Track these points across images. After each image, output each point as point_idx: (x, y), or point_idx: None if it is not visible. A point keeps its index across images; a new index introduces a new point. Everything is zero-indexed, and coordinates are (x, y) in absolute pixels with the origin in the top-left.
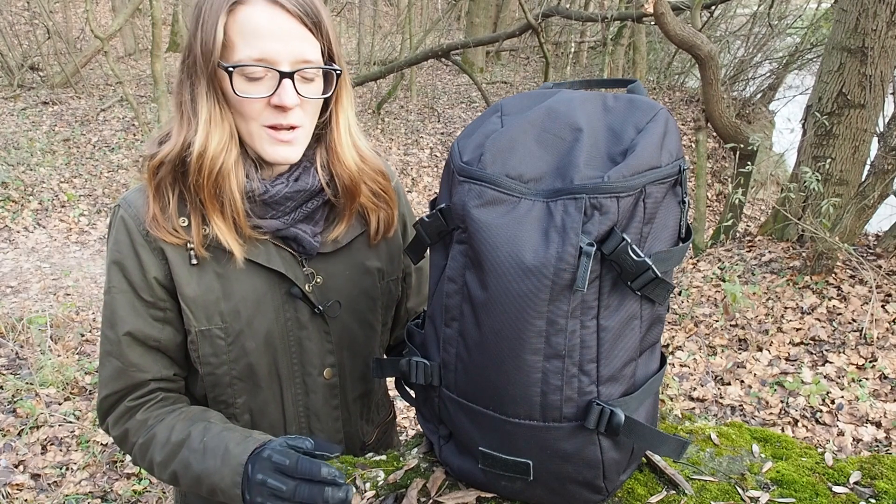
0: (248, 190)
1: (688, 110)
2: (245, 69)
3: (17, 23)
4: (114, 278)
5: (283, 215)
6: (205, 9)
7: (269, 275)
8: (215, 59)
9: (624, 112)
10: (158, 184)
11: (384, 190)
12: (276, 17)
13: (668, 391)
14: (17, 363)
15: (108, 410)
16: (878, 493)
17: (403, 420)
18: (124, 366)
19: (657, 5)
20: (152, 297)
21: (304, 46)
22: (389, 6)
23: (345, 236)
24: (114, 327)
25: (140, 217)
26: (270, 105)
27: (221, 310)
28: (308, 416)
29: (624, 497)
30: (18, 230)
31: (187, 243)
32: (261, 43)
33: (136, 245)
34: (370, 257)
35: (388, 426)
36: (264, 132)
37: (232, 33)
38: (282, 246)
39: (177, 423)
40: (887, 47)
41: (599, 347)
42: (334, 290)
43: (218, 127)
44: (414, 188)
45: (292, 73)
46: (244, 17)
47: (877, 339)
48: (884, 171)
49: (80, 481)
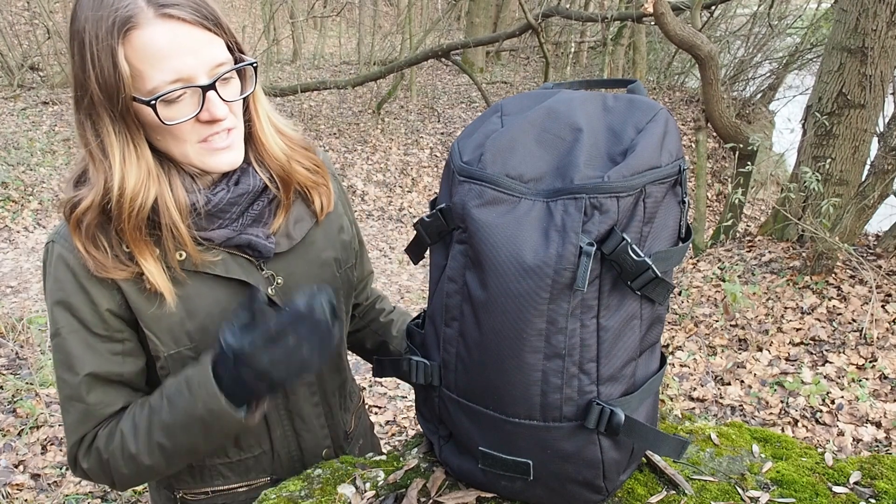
0: (190, 204)
1: (688, 110)
2: (166, 96)
3: (17, 23)
4: (61, 319)
5: (231, 222)
6: (89, 41)
7: (230, 284)
8: (126, 95)
9: (624, 112)
10: (86, 231)
11: (315, 163)
12: (176, 32)
13: (668, 391)
14: (17, 363)
15: (80, 454)
16: (878, 493)
17: (403, 420)
18: (89, 406)
19: (657, 5)
20: (107, 331)
21: (212, 51)
22: (389, 6)
23: (297, 231)
24: (72, 370)
25: (80, 257)
26: (199, 121)
27: (188, 329)
28: (291, 419)
29: (624, 497)
30: (18, 230)
31: (140, 273)
32: (170, 63)
33: (81, 280)
34: (325, 249)
35: (361, 409)
36: (200, 148)
37: (134, 61)
38: (236, 253)
39: (134, 410)
40: (887, 47)
41: (599, 347)
42: (296, 289)
43: (133, 165)
44: (414, 188)
45: (213, 83)
46: (142, 41)
47: (877, 339)
48: (884, 171)
49: (80, 481)
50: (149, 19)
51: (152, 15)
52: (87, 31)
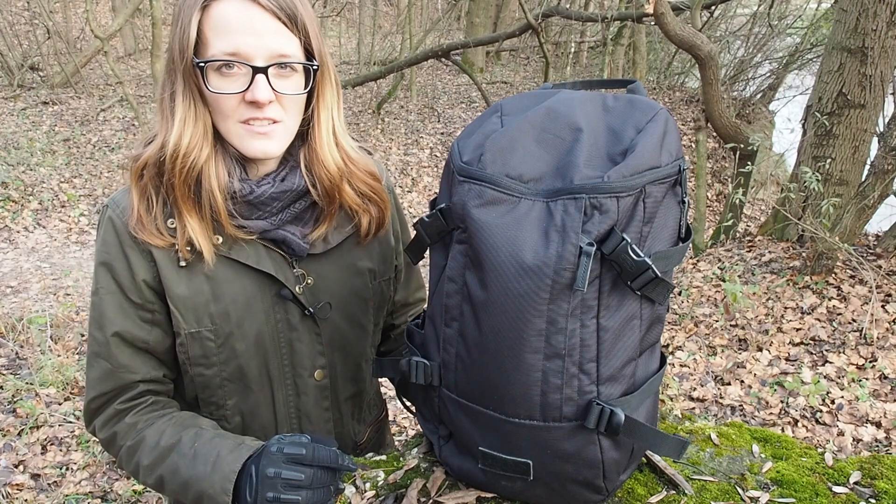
0: (230, 190)
1: (688, 110)
2: (217, 64)
3: (17, 23)
4: (102, 279)
5: (271, 216)
6: (183, 8)
7: (259, 276)
8: (189, 57)
9: (624, 112)
10: (143, 186)
11: (374, 191)
12: (249, 11)
13: (668, 391)
14: (17, 363)
15: (96, 412)
16: (878, 493)
17: (403, 420)
18: (113, 367)
19: (657, 5)
20: (140, 299)
21: (279, 41)
22: (389, 6)
23: (334, 237)
24: (102, 328)
25: (127, 218)
26: (245, 101)
27: (211, 312)
28: (299, 418)
29: (624, 497)
30: (18, 230)
31: (174, 245)
32: (233, 38)
33: (125, 246)
34: (362, 258)
35: (381, 424)
36: (241, 128)
37: (206, 29)
38: (271, 247)
39: (167, 427)
40: (887, 47)
41: (599, 347)
42: (325, 292)
43: (191, 125)
44: (414, 188)
45: (266, 67)
46: (217, 13)
47: (877, 339)
48: (884, 171)
49: (80, 481)
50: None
51: None
52: (185, 1)
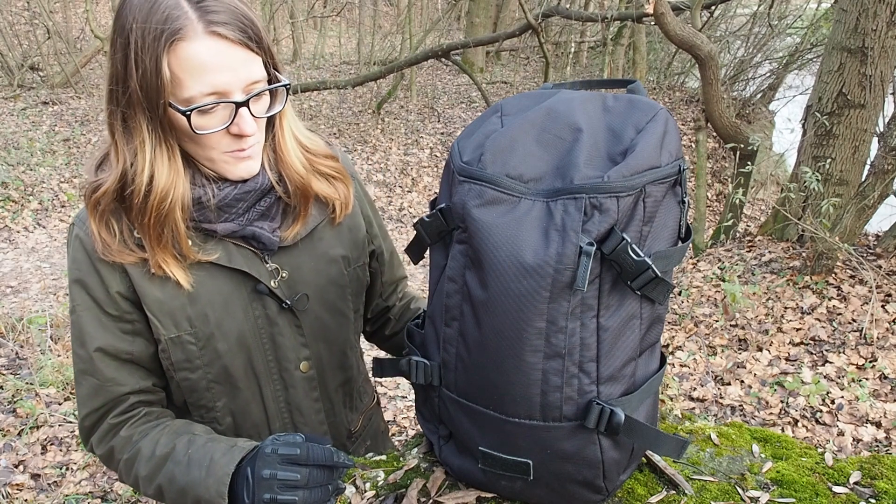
0: (196, 197)
1: (688, 110)
2: (200, 108)
3: (17, 23)
4: (77, 297)
5: (237, 216)
6: (135, 40)
7: (233, 274)
8: (164, 100)
9: (624, 112)
10: (101, 213)
11: (336, 170)
12: (220, 49)
13: (668, 391)
14: (17, 363)
15: (91, 429)
16: (878, 493)
17: (403, 420)
18: (100, 382)
19: (657, 5)
20: (118, 311)
21: (250, 69)
22: (389, 6)
23: (304, 227)
24: (84, 345)
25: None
26: (229, 133)
27: (188, 315)
28: (290, 412)
29: (624, 497)
30: (18, 230)
31: (145, 259)
32: (209, 77)
33: (95, 262)
34: (334, 246)
35: (373, 411)
36: (226, 156)
37: (176, 70)
38: (241, 244)
39: (161, 436)
40: (887, 47)
41: (599, 347)
42: (301, 283)
43: (164, 163)
44: (414, 188)
45: (247, 100)
46: (187, 53)
47: (877, 339)
48: (884, 171)
49: (80, 481)
50: (197, 33)
51: (201, 30)
52: (134, 30)
